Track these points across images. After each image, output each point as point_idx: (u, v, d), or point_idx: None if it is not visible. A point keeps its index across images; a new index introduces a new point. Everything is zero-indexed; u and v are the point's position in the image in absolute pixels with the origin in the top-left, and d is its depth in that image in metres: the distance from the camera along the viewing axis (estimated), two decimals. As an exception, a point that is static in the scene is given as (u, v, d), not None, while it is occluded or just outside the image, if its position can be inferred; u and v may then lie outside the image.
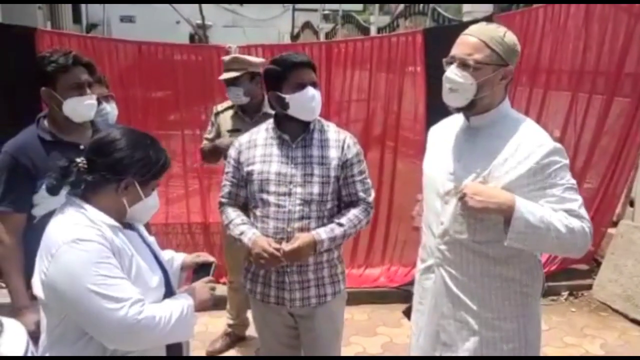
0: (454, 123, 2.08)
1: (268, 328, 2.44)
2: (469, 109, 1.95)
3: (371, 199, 2.35)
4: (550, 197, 1.82)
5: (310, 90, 2.21)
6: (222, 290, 3.67)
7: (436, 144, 2.13)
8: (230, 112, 3.38)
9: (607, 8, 4.29)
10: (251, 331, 3.71)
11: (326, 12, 13.44)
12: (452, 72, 1.91)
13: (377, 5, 11.12)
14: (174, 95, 4.24)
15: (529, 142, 1.86)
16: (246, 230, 2.26)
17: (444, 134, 2.10)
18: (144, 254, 1.72)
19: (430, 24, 7.16)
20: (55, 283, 1.56)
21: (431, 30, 4.47)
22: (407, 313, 2.34)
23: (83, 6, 12.86)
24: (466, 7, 7.47)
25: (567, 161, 1.87)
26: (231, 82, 3.25)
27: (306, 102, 2.22)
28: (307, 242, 2.17)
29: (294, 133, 2.29)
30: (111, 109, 2.73)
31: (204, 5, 10.43)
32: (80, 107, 2.23)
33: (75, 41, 3.92)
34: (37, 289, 1.63)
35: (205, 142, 3.51)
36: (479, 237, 1.94)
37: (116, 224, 1.66)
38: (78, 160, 1.65)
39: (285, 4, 15.33)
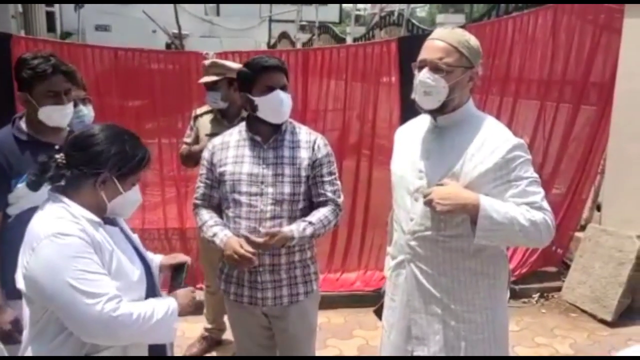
0: (420, 123, 2.16)
1: (242, 328, 2.47)
2: (440, 111, 2.03)
3: (340, 200, 2.40)
4: (514, 190, 1.91)
5: (279, 94, 2.26)
6: (200, 295, 3.70)
7: (403, 144, 2.21)
8: (209, 116, 3.41)
9: (574, 19, 4.46)
10: (228, 335, 3.72)
11: (303, 22, 13.56)
12: (425, 76, 1.98)
13: (352, 17, 11.28)
14: (150, 103, 4.26)
15: (493, 138, 1.95)
16: (218, 231, 2.29)
17: (411, 134, 2.18)
18: (125, 248, 1.75)
19: (405, 34, 7.28)
20: (35, 276, 1.59)
21: (405, 39, 4.56)
22: (378, 312, 2.40)
23: (57, 14, 12.78)
24: (439, 18, 7.64)
25: (529, 156, 1.96)
26: (210, 87, 3.29)
27: (274, 104, 2.27)
28: (277, 234, 2.19)
29: (266, 134, 2.34)
30: (88, 112, 2.75)
31: (180, 15, 10.43)
32: (55, 116, 2.25)
33: (51, 47, 3.91)
34: (20, 283, 1.65)
35: (184, 146, 3.54)
36: (448, 232, 2.01)
37: (96, 219, 1.69)
38: (57, 155, 1.68)
39: (262, 15, 15.47)
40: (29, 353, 1.71)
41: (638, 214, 4.08)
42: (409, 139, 2.16)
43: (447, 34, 2.01)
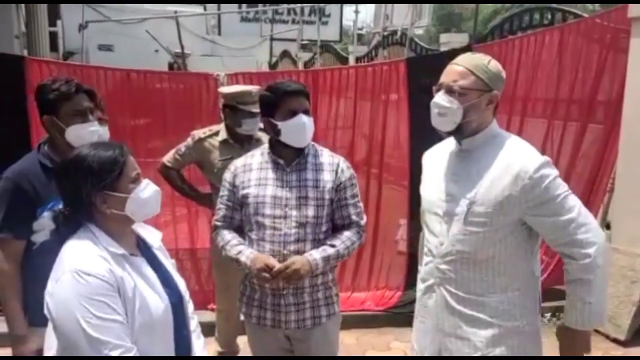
0: (446, 147, 2.18)
1: (264, 352, 2.46)
2: (458, 133, 2.05)
3: (363, 222, 2.41)
4: (549, 209, 1.93)
5: (301, 118, 2.28)
6: (210, 316, 3.67)
7: (431, 168, 2.22)
8: (215, 140, 3.36)
9: (580, 39, 4.50)
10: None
11: (304, 41, 13.67)
12: (439, 98, 2.02)
13: (355, 36, 11.40)
14: (160, 122, 4.27)
15: (518, 160, 1.96)
16: (243, 249, 2.29)
17: (438, 158, 2.19)
18: (150, 281, 1.73)
19: (409, 53, 7.36)
20: (51, 308, 1.60)
21: (413, 60, 4.62)
22: None
23: (60, 34, 12.85)
24: (443, 37, 7.70)
25: (556, 172, 1.97)
26: (253, 115, 3.22)
27: (297, 129, 2.29)
28: (300, 261, 2.20)
29: (289, 157, 2.35)
30: (104, 132, 2.76)
31: (182, 34, 10.52)
32: (83, 134, 2.26)
33: (65, 69, 3.95)
34: (45, 307, 1.65)
35: (174, 158, 3.41)
36: (479, 256, 2.01)
37: (120, 251, 1.68)
38: (60, 209, 1.72)
39: (263, 34, 15.57)
40: None
41: (649, 232, 4.08)
42: (437, 163, 2.18)
43: (465, 58, 2.05)
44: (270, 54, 14.80)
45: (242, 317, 3.36)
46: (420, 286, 2.23)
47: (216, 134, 3.35)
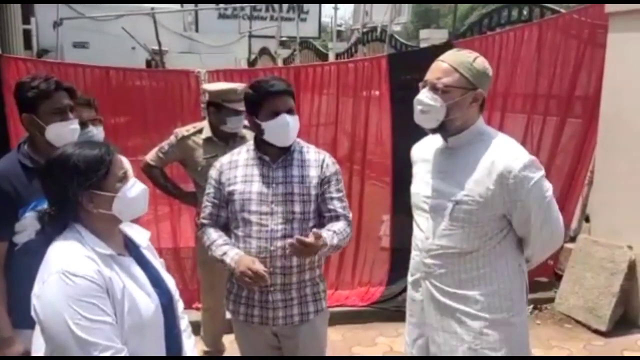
0: (434, 142, 2.18)
1: (252, 349, 2.44)
2: (441, 130, 2.06)
3: (350, 216, 2.40)
4: (524, 211, 1.97)
5: (284, 118, 2.26)
6: (196, 315, 3.64)
7: (419, 163, 2.23)
8: (199, 137, 3.31)
9: (559, 35, 4.56)
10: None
11: (283, 38, 13.62)
12: (422, 95, 2.03)
13: (334, 32, 11.39)
14: (140, 120, 4.22)
15: (503, 159, 1.96)
16: (228, 250, 2.27)
17: (426, 153, 2.20)
18: (139, 281, 1.69)
19: (388, 50, 7.37)
20: (38, 310, 1.57)
21: (395, 56, 4.62)
22: None
23: (34, 32, 12.60)
24: (423, 33, 7.74)
25: (541, 172, 1.99)
26: (238, 113, 3.17)
27: (280, 129, 2.27)
28: (320, 238, 2.12)
29: (274, 155, 2.34)
30: (97, 132, 2.72)
31: (159, 31, 10.39)
32: (63, 132, 2.21)
33: (42, 66, 3.87)
34: (32, 309, 1.62)
35: (157, 156, 3.37)
36: (465, 250, 2.03)
37: (108, 251, 1.65)
38: (45, 209, 1.68)
39: (242, 31, 15.49)
40: None
41: (627, 224, 4.16)
42: (425, 159, 2.19)
43: (451, 56, 2.05)
44: (249, 51, 14.75)
45: (228, 315, 3.36)
46: (409, 279, 2.25)
47: (200, 131, 3.31)
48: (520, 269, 2.11)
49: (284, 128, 2.26)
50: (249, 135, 3.38)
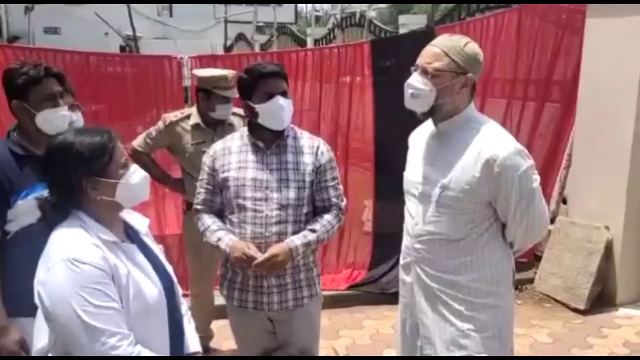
0: (428, 128, 2.21)
1: (246, 334, 2.46)
2: (432, 115, 2.09)
3: (343, 204, 2.43)
4: (507, 200, 1.99)
5: (278, 100, 2.26)
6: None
7: (413, 149, 2.26)
8: (187, 123, 3.30)
9: (537, 20, 4.63)
10: (214, 343, 3.70)
11: (260, 23, 13.49)
12: (413, 79, 2.05)
13: (313, 17, 11.33)
14: (122, 106, 4.17)
15: (490, 147, 1.97)
16: (223, 236, 2.28)
17: (419, 139, 2.23)
18: (143, 267, 1.70)
19: (367, 35, 7.38)
20: (44, 299, 1.56)
21: (378, 42, 4.64)
22: None
23: (3, 18, 12.26)
24: (402, 19, 7.76)
25: (530, 162, 2.00)
26: (227, 100, 3.18)
27: (275, 111, 2.27)
28: (283, 250, 2.21)
29: (268, 140, 2.34)
30: (77, 118, 2.68)
31: (133, 17, 10.22)
32: (54, 119, 2.19)
33: (21, 53, 3.79)
34: (35, 297, 1.61)
35: (145, 142, 3.35)
36: (453, 236, 2.07)
37: (112, 238, 1.65)
38: (46, 196, 1.67)
39: (217, 16, 15.29)
40: None
41: (604, 206, 4.27)
42: (418, 144, 2.22)
43: (442, 40, 2.07)
44: (225, 37, 14.57)
45: (217, 302, 3.37)
46: (400, 262, 2.29)
47: (188, 117, 3.29)
48: (507, 254, 2.14)
49: (278, 110, 2.26)
50: (237, 122, 3.39)
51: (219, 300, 3.68)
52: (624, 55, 4.06)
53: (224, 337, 3.75)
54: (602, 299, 4.24)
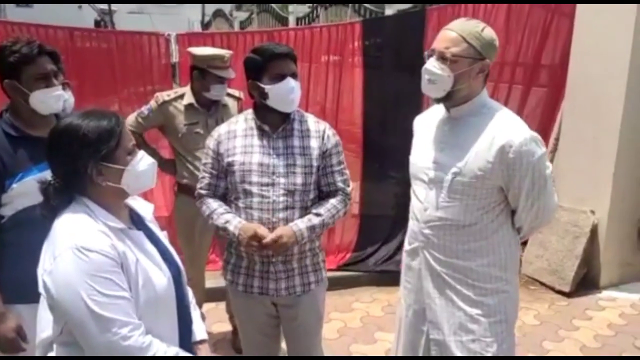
0: (436, 113, 2.18)
1: (250, 319, 2.43)
2: (447, 100, 2.05)
3: (349, 189, 2.40)
4: (521, 186, 1.99)
5: (290, 82, 2.21)
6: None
7: (419, 134, 2.23)
8: (180, 103, 3.20)
9: (527, 4, 4.61)
10: (206, 327, 3.66)
11: (239, -1, 13.25)
12: (430, 64, 2.01)
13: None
14: (109, 83, 4.04)
15: (504, 133, 1.96)
16: (231, 219, 2.24)
17: (427, 124, 2.20)
18: (151, 255, 1.65)
19: (352, 14, 7.27)
20: (51, 288, 1.50)
21: (369, 21, 4.58)
22: None
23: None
24: (388, -2, 7.66)
25: (543, 149, 2.00)
26: (222, 80, 3.10)
27: (285, 93, 2.22)
28: (288, 234, 2.18)
29: (274, 123, 2.29)
30: (68, 97, 2.58)
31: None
32: (48, 99, 2.10)
33: (2, 28, 3.63)
34: (40, 286, 1.55)
35: (137, 121, 3.24)
36: (462, 222, 2.05)
37: (119, 225, 1.59)
38: (50, 179, 1.60)
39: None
40: (52, 353, 1.64)
41: (590, 190, 4.33)
42: (426, 129, 2.19)
43: (460, 25, 2.02)
44: (203, 13, 14.26)
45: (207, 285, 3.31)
46: (406, 248, 2.27)
47: (181, 97, 3.19)
48: (515, 240, 2.16)
49: (289, 92, 2.21)
50: (232, 103, 3.32)
51: (209, 283, 3.67)
52: (614, 40, 4.09)
53: (215, 320, 3.73)
54: (586, 282, 4.33)
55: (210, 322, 3.65)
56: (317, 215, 2.27)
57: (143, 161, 1.65)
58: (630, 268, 4.43)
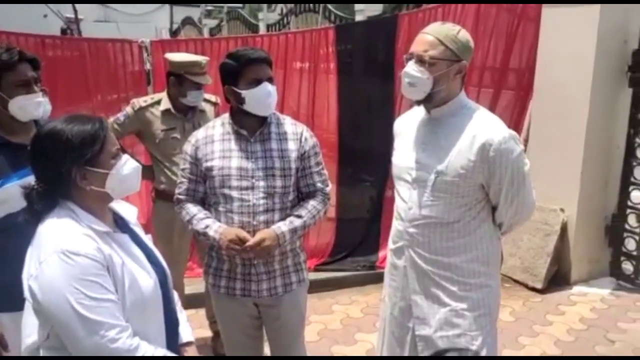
0: (416, 115, 2.24)
1: (233, 321, 2.44)
2: (427, 102, 2.11)
3: (328, 189, 2.43)
4: (500, 183, 2.05)
5: (266, 86, 2.24)
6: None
7: (401, 135, 2.28)
8: (157, 109, 3.20)
9: (495, 9, 4.74)
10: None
11: (209, 7, 13.18)
12: (410, 68, 2.06)
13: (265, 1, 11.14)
14: (82, 91, 4.00)
15: (484, 132, 2.02)
16: (211, 223, 2.26)
17: (409, 126, 2.25)
18: (136, 257, 1.66)
19: (322, 21, 7.34)
20: (37, 292, 1.50)
21: (342, 27, 4.64)
22: None
23: None
24: (358, 5, 7.77)
25: (521, 147, 2.08)
26: (199, 86, 3.11)
27: (262, 97, 2.25)
28: (271, 237, 2.21)
29: (251, 127, 2.31)
30: (46, 103, 2.56)
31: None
32: (28, 105, 2.10)
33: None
34: (26, 291, 1.54)
35: (113, 128, 3.14)
36: (446, 220, 2.11)
37: (104, 228, 1.60)
38: (34, 184, 1.60)
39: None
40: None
41: (559, 189, 4.45)
42: (407, 131, 2.24)
43: (436, 28, 2.09)
44: (171, 21, 14.18)
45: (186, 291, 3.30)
46: (391, 246, 2.31)
47: (158, 102, 3.19)
48: (496, 236, 2.22)
49: (266, 96, 2.24)
50: (209, 109, 3.33)
51: (189, 289, 3.66)
52: (579, 43, 4.23)
53: (196, 326, 3.71)
54: (558, 278, 4.45)
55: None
56: (299, 217, 2.30)
57: (127, 165, 1.66)
58: (599, 264, 4.57)
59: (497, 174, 2.03)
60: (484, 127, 2.04)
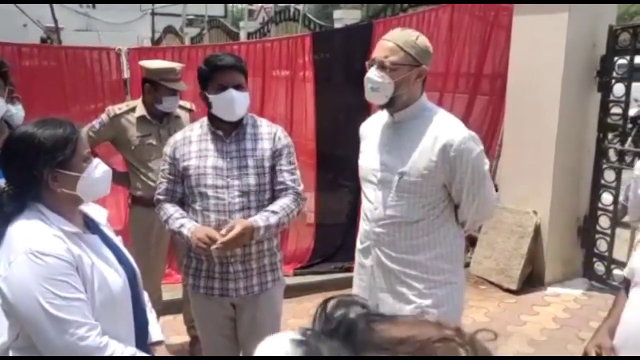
0: (381, 118, 2.31)
1: (211, 321, 2.49)
2: (390, 106, 2.19)
3: (300, 189, 2.48)
4: (461, 182, 2.13)
5: (230, 93, 2.30)
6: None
7: (367, 138, 2.35)
8: (132, 116, 3.24)
9: (468, 17, 4.86)
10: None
11: (190, 16, 13.21)
12: (372, 73, 2.14)
13: (246, 11, 11.21)
14: (59, 99, 4.02)
15: (445, 133, 2.10)
16: (186, 222, 2.31)
17: (373, 129, 2.32)
18: (105, 258, 1.70)
19: (302, 29, 7.42)
20: (7, 292, 1.54)
21: (318, 35, 4.71)
22: None
23: None
24: (337, 14, 7.87)
25: (481, 147, 2.16)
26: (174, 93, 3.16)
27: (226, 103, 2.32)
28: (246, 227, 2.23)
29: (227, 129, 2.38)
30: (17, 111, 2.60)
31: (54, 7, 9.74)
32: None
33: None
34: None
35: (88, 136, 3.15)
36: (410, 219, 2.18)
37: (74, 229, 1.63)
38: (4, 186, 1.63)
39: (143, 8, 14.82)
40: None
41: (532, 192, 4.56)
42: (372, 134, 2.31)
43: (396, 35, 2.17)
44: (153, 30, 14.18)
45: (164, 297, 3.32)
46: (358, 247, 2.37)
47: (133, 109, 3.23)
48: (459, 234, 2.30)
49: (230, 103, 2.31)
50: (184, 115, 3.37)
51: (167, 296, 3.68)
52: (549, 51, 4.35)
53: (174, 332, 3.73)
54: (532, 279, 4.54)
55: (168, 334, 3.63)
56: (274, 213, 2.33)
57: (98, 168, 1.70)
58: (571, 265, 4.67)
59: (458, 173, 2.10)
60: (444, 128, 2.12)
